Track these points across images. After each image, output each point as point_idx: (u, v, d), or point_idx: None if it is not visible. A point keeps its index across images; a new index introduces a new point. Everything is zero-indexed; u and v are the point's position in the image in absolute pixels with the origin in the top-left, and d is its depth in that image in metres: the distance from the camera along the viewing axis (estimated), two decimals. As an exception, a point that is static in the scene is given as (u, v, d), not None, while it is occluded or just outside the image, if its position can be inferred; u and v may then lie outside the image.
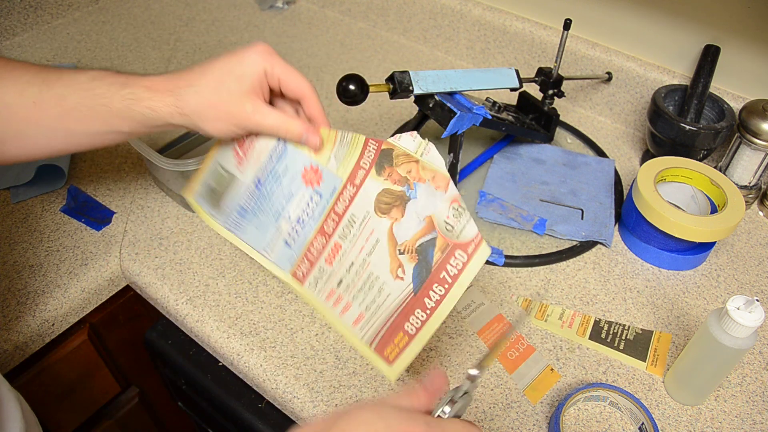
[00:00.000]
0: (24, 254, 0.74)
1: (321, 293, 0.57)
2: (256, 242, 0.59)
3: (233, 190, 0.58)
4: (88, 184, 0.83)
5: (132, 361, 0.88)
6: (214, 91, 0.53)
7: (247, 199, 0.58)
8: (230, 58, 0.54)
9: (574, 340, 0.67)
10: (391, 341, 0.53)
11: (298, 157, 0.56)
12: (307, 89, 0.56)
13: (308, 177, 0.56)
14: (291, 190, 0.57)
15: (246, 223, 0.58)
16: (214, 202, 0.59)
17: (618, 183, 0.86)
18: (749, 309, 0.53)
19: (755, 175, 0.82)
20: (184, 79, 0.54)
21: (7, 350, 0.66)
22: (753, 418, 0.61)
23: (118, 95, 0.53)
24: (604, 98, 0.97)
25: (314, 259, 0.57)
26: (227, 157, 0.59)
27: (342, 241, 0.55)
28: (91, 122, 0.55)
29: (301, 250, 0.57)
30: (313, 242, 0.57)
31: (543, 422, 0.60)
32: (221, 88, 0.53)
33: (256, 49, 0.54)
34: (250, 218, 0.58)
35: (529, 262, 0.74)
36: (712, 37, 0.85)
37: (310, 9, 1.22)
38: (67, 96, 0.53)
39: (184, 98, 0.53)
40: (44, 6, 1.10)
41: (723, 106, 0.83)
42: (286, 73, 0.55)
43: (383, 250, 0.54)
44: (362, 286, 0.55)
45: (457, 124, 0.72)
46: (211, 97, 0.53)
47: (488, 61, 1.06)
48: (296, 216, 0.57)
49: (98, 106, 0.54)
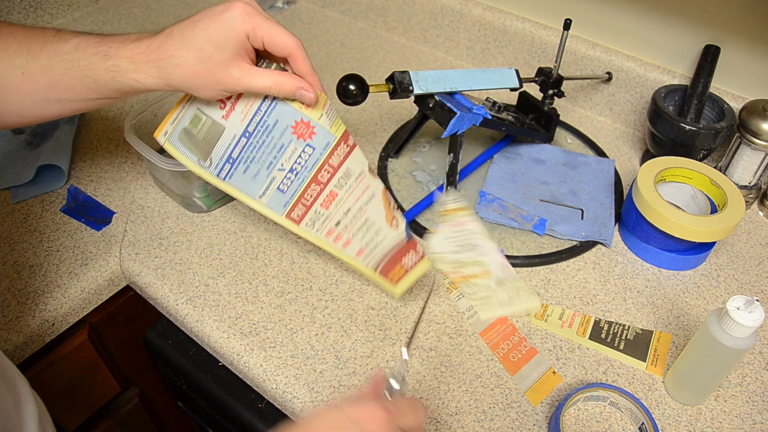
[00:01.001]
0: (24, 254, 0.74)
1: (319, 232, 0.62)
2: (248, 189, 0.60)
3: (220, 139, 0.58)
4: (88, 184, 0.83)
5: (132, 361, 0.88)
6: (197, 61, 0.51)
7: (237, 149, 0.58)
8: (209, 22, 0.51)
9: (574, 340, 0.67)
10: (392, 269, 0.65)
11: (288, 110, 0.57)
12: (294, 46, 0.54)
13: (300, 130, 0.58)
14: (282, 142, 0.58)
15: (236, 172, 0.59)
16: (197, 149, 0.59)
17: (618, 183, 0.86)
18: (749, 309, 0.53)
19: (755, 175, 0.82)
20: (164, 49, 0.52)
21: (7, 350, 0.66)
22: (753, 418, 0.61)
23: (102, 68, 0.52)
24: (604, 98, 0.97)
25: (309, 204, 0.61)
26: (209, 103, 0.58)
27: (338, 190, 0.60)
28: (80, 91, 0.54)
29: (295, 196, 0.60)
30: (307, 189, 0.60)
31: (543, 422, 0.60)
32: (204, 59, 0.51)
33: (236, 8, 0.51)
34: (240, 167, 0.59)
35: (529, 262, 0.74)
36: (712, 37, 0.85)
37: (310, 9, 1.22)
38: (53, 66, 0.53)
39: (167, 71, 0.52)
40: (44, 6, 1.10)
41: (723, 106, 0.83)
42: (270, 33, 0.53)
43: (378, 203, 0.62)
44: (361, 226, 0.62)
45: (457, 124, 0.72)
46: (195, 68, 0.52)
47: (488, 61, 1.06)
48: (289, 166, 0.59)
49: (84, 77, 0.53)
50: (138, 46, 0.52)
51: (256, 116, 0.57)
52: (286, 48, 0.54)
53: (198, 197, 0.77)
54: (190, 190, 0.76)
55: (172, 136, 0.60)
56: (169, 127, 0.60)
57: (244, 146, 0.58)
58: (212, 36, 0.51)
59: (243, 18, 0.51)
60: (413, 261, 0.65)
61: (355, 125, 0.94)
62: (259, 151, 0.58)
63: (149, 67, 0.52)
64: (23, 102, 0.55)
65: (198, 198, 0.77)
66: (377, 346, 0.65)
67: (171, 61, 0.52)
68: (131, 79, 0.53)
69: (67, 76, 0.53)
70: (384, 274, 0.65)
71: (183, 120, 0.59)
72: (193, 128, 0.58)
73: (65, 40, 0.53)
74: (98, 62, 0.52)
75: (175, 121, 0.60)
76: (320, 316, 0.68)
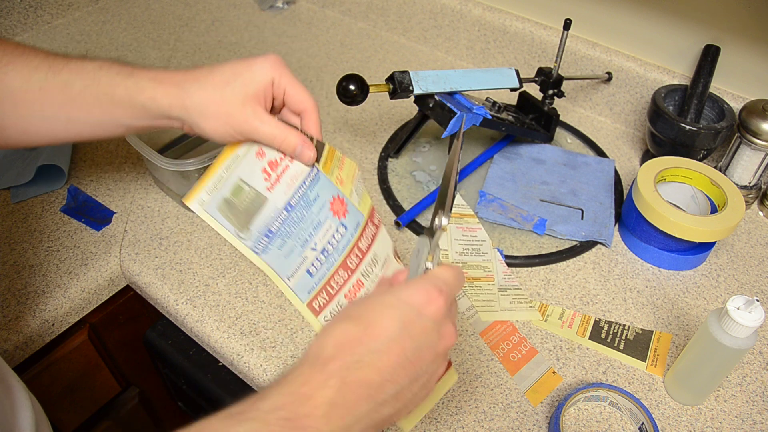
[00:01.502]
0: (24, 254, 0.74)
1: None
2: (279, 267, 0.57)
3: (262, 211, 0.57)
4: (88, 184, 0.83)
5: (132, 361, 0.88)
6: (219, 89, 0.53)
7: (276, 222, 0.56)
8: (240, 63, 0.54)
9: (574, 340, 0.67)
10: None
11: (328, 185, 0.56)
12: (310, 104, 0.56)
13: (336, 207, 0.56)
14: (320, 219, 0.56)
15: (272, 247, 0.57)
16: (237, 219, 0.58)
17: (618, 183, 0.86)
18: (749, 309, 0.53)
19: (755, 175, 0.82)
20: (191, 74, 0.54)
21: (7, 350, 0.66)
22: (753, 418, 0.61)
23: (122, 84, 0.53)
24: (604, 98, 0.97)
25: (334, 292, 0.56)
26: (252, 173, 0.57)
27: (364, 280, 0.56)
28: (92, 111, 0.55)
29: (322, 282, 0.56)
30: (335, 275, 0.56)
31: (543, 422, 0.60)
32: (226, 88, 0.53)
33: (268, 58, 0.54)
34: (276, 242, 0.57)
35: (529, 262, 0.74)
36: (712, 37, 0.85)
37: (310, 9, 1.22)
38: (73, 83, 0.54)
39: (187, 91, 0.53)
40: (44, 6, 1.10)
41: (723, 106, 0.83)
42: (293, 85, 0.55)
43: None
44: None
45: (457, 124, 0.72)
46: (214, 95, 0.53)
47: (488, 61, 1.06)
48: (322, 246, 0.56)
49: (101, 94, 0.54)
50: (164, 71, 0.54)
51: (300, 189, 0.56)
52: (303, 103, 0.56)
53: (198, 197, 0.77)
54: (190, 190, 0.76)
55: (209, 205, 0.57)
56: (205, 196, 0.57)
57: (284, 220, 0.56)
58: (241, 72, 0.53)
59: (274, 66, 0.54)
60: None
61: (355, 125, 0.94)
62: (297, 227, 0.56)
63: (170, 87, 0.54)
64: (33, 118, 0.55)
65: (198, 198, 0.77)
66: (377, 346, 0.65)
67: (194, 85, 0.53)
68: (147, 97, 0.54)
69: (85, 93, 0.54)
70: None
71: (223, 189, 0.57)
72: (235, 198, 0.56)
73: (91, 60, 0.55)
74: (120, 80, 0.54)
75: (213, 190, 0.57)
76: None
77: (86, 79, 0.54)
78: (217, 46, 1.10)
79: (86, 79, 0.54)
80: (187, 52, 1.08)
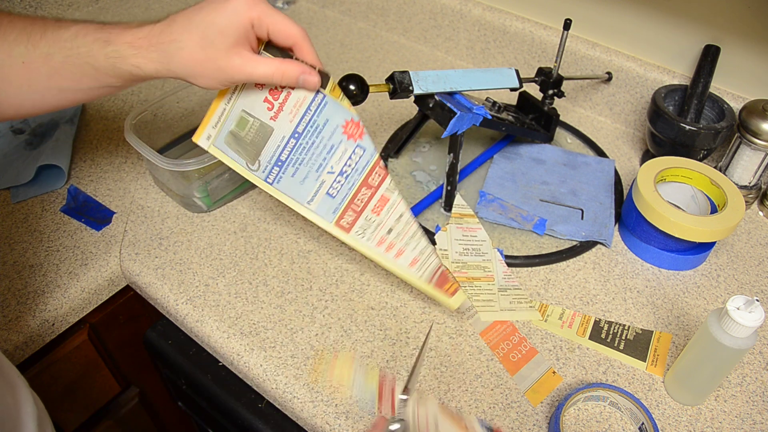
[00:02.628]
0: (24, 254, 0.74)
1: (370, 241, 0.59)
2: (296, 194, 0.57)
3: (269, 140, 0.56)
4: (88, 184, 0.83)
5: (132, 361, 0.88)
6: (200, 47, 0.51)
7: (285, 151, 0.56)
8: (213, 9, 0.51)
9: (574, 340, 0.67)
10: (446, 281, 0.62)
11: (339, 110, 0.55)
12: (299, 35, 0.54)
13: (350, 130, 0.56)
14: (332, 143, 0.55)
15: (284, 176, 0.56)
16: (245, 152, 0.56)
17: (618, 183, 0.86)
18: (749, 309, 0.53)
19: (755, 175, 0.82)
20: (166, 33, 0.51)
21: (7, 350, 0.66)
22: (753, 418, 0.61)
23: (102, 53, 0.52)
24: (604, 98, 0.97)
25: (359, 209, 0.57)
26: (255, 104, 0.56)
27: (390, 194, 0.57)
28: (80, 79, 0.54)
29: (345, 201, 0.57)
30: (358, 193, 0.57)
31: (543, 422, 0.60)
32: (206, 44, 0.51)
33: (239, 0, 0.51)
34: (288, 170, 0.56)
35: (529, 262, 0.74)
36: (712, 37, 0.85)
37: (310, 9, 1.22)
38: (53, 54, 0.52)
39: (169, 55, 0.51)
40: (44, 6, 1.10)
41: (723, 106, 0.83)
42: (275, 21, 0.52)
43: None
44: (413, 234, 0.59)
45: (457, 124, 0.72)
46: (197, 54, 0.51)
47: (488, 61, 1.06)
48: (339, 168, 0.56)
49: (84, 64, 0.52)
50: (139, 31, 0.52)
51: (306, 115, 0.55)
52: (291, 37, 0.53)
53: (198, 197, 0.77)
54: (190, 190, 0.76)
55: (217, 139, 0.56)
56: (211, 131, 0.57)
57: (293, 148, 0.55)
58: (216, 22, 0.51)
59: (248, 6, 0.51)
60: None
61: (355, 125, 0.94)
62: (308, 153, 0.56)
63: (150, 51, 0.51)
64: (23, 92, 0.54)
65: (198, 198, 0.77)
66: (377, 346, 0.65)
67: (173, 46, 0.51)
68: (131, 65, 0.52)
69: (68, 63, 0.52)
70: (439, 286, 0.61)
71: (228, 123, 0.56)
72: (240, 131, 0.56)
73: (65, 27, 0.53)
74: (98, 48, 0.52)
75: (218, 124, 0.56)
76: (320, 316, 0.68)
77: (65, 49, 0.52)
78: (217, 46, 1.09)
79: (65, 50, 0.52)
80: (187, 52, 1.08)
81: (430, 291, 0.61)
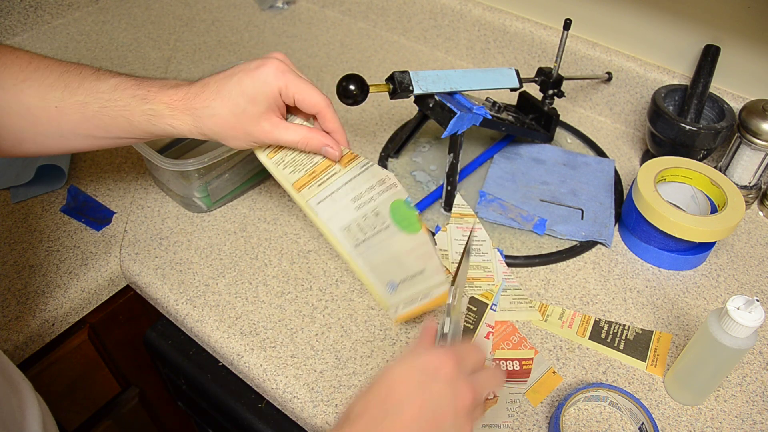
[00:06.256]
0: (24, 254, 0.74)
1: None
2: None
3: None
4: (88, 184, 0.83)
5: (132, 361, 0.88)
6: (231, 114, 0.55)
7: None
8: (244, 76, 0.55)
9: (574, 340, 0.67)
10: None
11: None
12: (323, 104, 0.57)
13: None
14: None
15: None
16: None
17: (618, 183, 0.86)
18: (749, 309, 0.53)
19: (755, 175, 0.82)
20: (200, 98, 0.55)
21: (7, 350, 0.66)
22: (753, 418, 0.61)
23: (139, 110, 0.55)
24: (604, 98, 0.97)
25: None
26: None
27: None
28: (111, 130, 0.56)
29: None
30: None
31: (543, 422, 0.60)
32: (237, 111, 0.54)
33: (271, 66, 0.55)
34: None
35: (529, 262, 0.74)
36: (712, 37, 0.85)
37: (310, 9, 1.22)
38: (89, 104, 0.54)
39: (201, 120, 0.55)
40: (44, 6, 1.10)
41: (723, 106, 0.83)
42: (301, 91, 0.56)
43: None
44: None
45: (457, 124, 0.72)
46: (228, 120, 0.55)
47: (488, 61, 1.06)
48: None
49: (119, 117, 0.55)
50: (176, 93, 0.55)
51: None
52: (316, 106, 0.57)
53: (198, 197, 0.77)
54: (190, 190, 0.76)
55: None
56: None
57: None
58: (247, 90, 0.54)
59: (277, 75, 0.54)
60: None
61: (355, 125, 0.94)
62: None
63: (185, 114, 0.55)
64: (50, 135, 0.56)
65: (198, 198, 0.77)
66: (377, 346, 0.65)
67: (206, 111, 0.54)
68: (166, 124, 0.55)
69: (103, 114, 0.55)
70: None
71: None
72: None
73: (104, 79, 0.55)
74: (136, 105, 0.54)
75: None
76: (320, 316, 0.68)
77: (102, 100, 0.55)
78: (217, 46, 1.10)
79: (101, 101, 0.55)
80: (187, 52, 1.08)
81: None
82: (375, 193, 0.60)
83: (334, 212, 0.60)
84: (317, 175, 0.60)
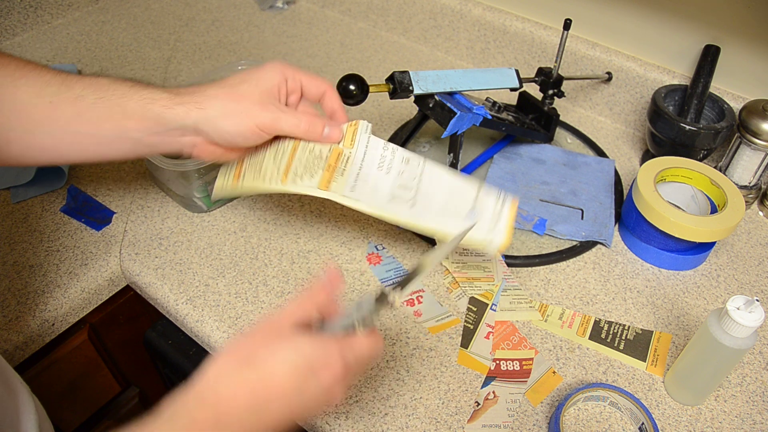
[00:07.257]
0: (24, 254, 0.74)
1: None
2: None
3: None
4: (88, 184, 0.83)
5: (132, 361, 0.88)
6: (234, 91, 0.56)
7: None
8: (249, 71, 0.58)
9: (574, 340, 0.67)
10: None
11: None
12: (327, 84, 0.61)
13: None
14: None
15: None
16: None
17: (618, 183, 0.86)
18: (749, 309, 0.53)
19: (755, 175, 0.82)
20: (202, 88, 0.56)
21: (7, 350, 0.66)
22: (753, 418, 0.61)
23: (137, 95, 0.55)
24: (604, 98, 0.97)
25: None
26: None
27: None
28: (102, 124, 0.55)
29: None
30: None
31: (543, 422, 0.60)
32: (241, 88, 0.56)
33: (275, 63, 0.58)
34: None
35: (529, 262, 0.74)
36: (712, 37, 0.85)
37: (310, 9, 1.22)
38: (85, 96, 0.54)
39: (203, 97, 0.55)
40: (44, 6, 1.10)
41: (723, 106, 0.83)
42: (307, 78, 0.60)
43: None
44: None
45: (457, 124, 0.72)
46: (231, 94, 0.56)
47: (488, 61, 1.06)
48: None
49: (114, 105, 0.54)
50: (177, 89, 0.57)
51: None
52: (322, 86, 0.61)
53: (198, 197, 0.77)
54: (190, 190, 0.76)
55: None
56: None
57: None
58: (249, 77, 0.57)
59: (282, 67, 0.58)
60: None
61: (355, 125, 0.94)
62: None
63: (184, 97, 0.55)
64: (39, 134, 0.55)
65: (198, 198, 0.77)
66: (377, 346, 0.65)
67: (208, 92, 0.56)
68: (161, 106, 0.54)
69: (97, 104, 0.54)
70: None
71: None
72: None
73: (106, 76, 0.56)
74: (134, 91, 0.55)
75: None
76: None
77: (99, 91, 0.54)
78: (217, 46, 1.10)
79: (99, 92, 0.54)
80: (187, 52, 1.08)
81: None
82: (391, 146, 0.61)
83: (371, 190, 0.60)
84: (334, 167, 0.60)
